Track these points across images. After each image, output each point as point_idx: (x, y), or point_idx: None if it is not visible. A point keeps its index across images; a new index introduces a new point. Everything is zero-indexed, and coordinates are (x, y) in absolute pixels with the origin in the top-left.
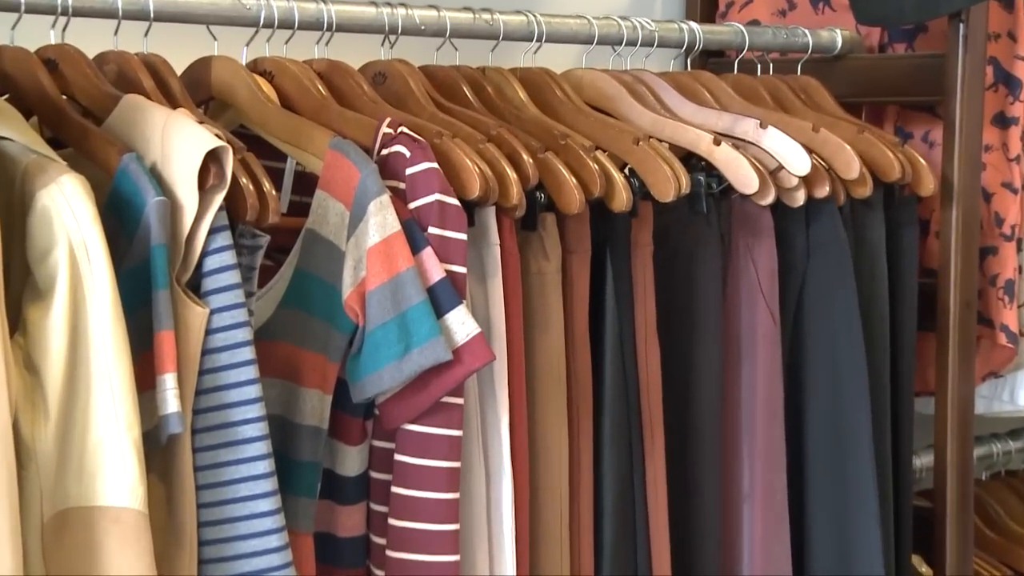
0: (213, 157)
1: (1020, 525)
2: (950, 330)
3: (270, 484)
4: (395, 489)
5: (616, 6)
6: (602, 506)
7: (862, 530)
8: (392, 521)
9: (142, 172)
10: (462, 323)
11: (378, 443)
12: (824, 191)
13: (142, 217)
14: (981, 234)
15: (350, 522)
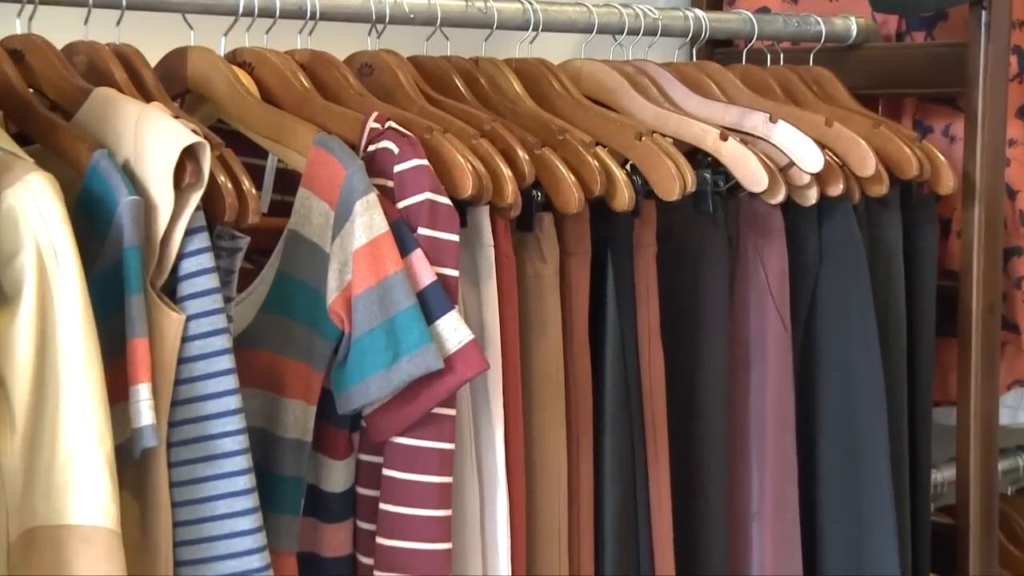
0: (189, 154)
1: None
2: (972, 335)
3: (251, 501)
4: (383, 506)
5: None
6: (603, 522)
7: (878, 547)
8: (380, 540)
9: (114, 170)
10: (454, 329)
11: (365, 457)
12: (837, 189)
13: (114, 218)
14: (1005, 234)
15: (335, 541)
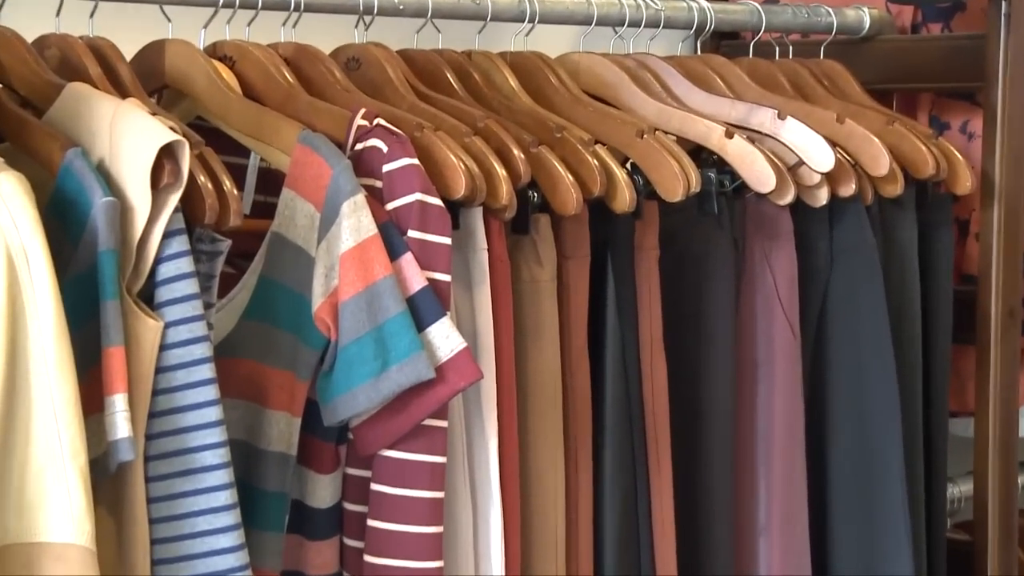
0: (167, 153)
1: None
2: (991, 343)
3: (232, 517)
4: (371, 522)
5: None
6: (602, 541)
7: (892, 564)
8: (368, 558)
9: (88, 169)
10: (446, 337)
11: (353, 471)
12: (849, 189)
13: (88, 220)
14: None
15: (321, 559)
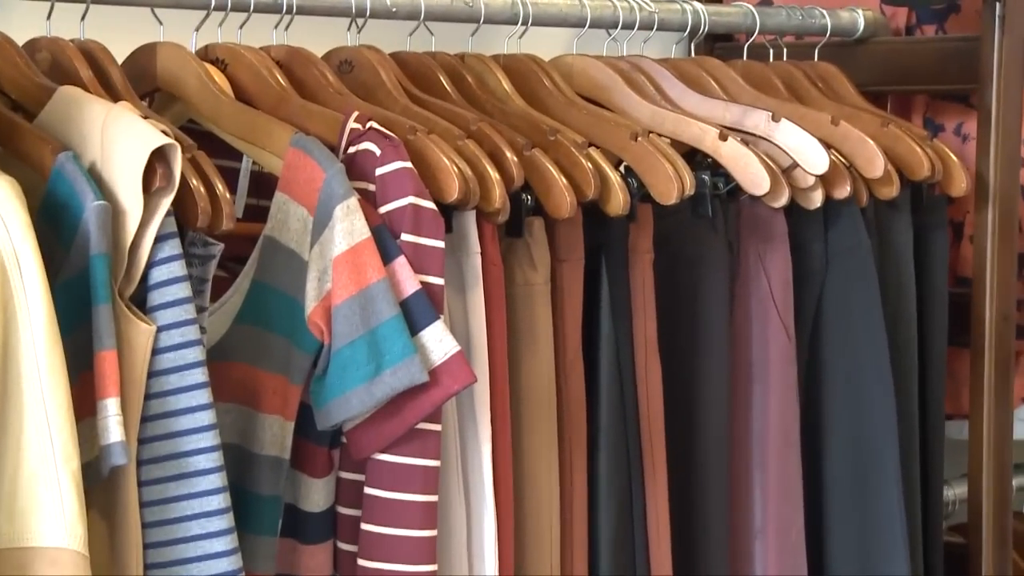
0: (160, 156)
1: None
2: (986, 346)
3: (225, 521)
4: (365, 526)
5: None
6: (597, 545)
7: (888, 567)
8: (362, 562)
9: (80, 173)
10: (439, 340)
11: (346, 475)
12: (844, 191)
13: (80, 224)
14: (1021, 238)
15: (314, 563)
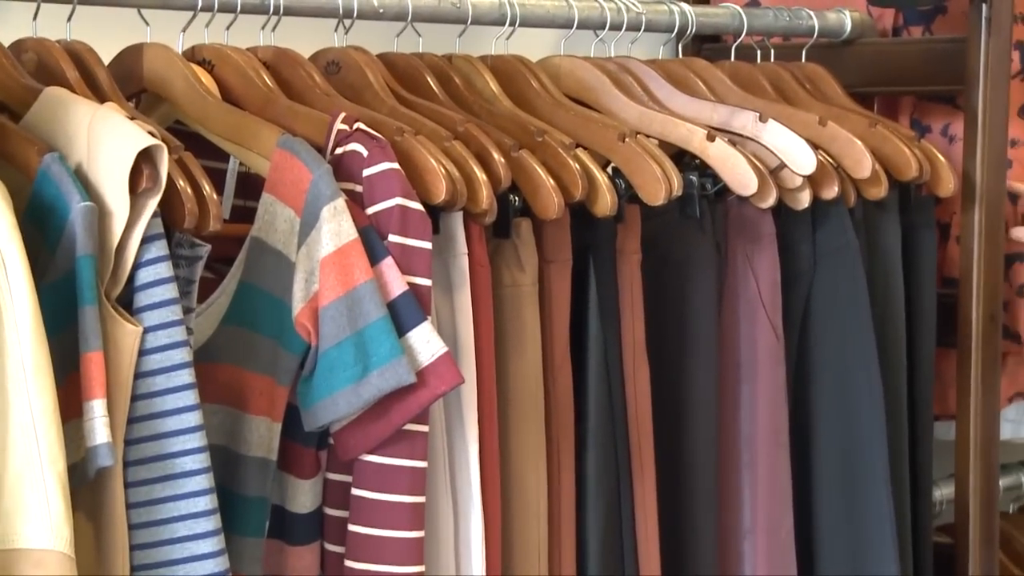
0: (146, 157)
1: None
2: (972, 346)
3: (212, 522)
4: (352, 527)
5: None
6: (586, 547)
7: (878, 566)
8: (349, 563)
9: (66, 174)
10: (427, 342)
11: (333, 476)
12: (832, 192)
13: (66, 225)
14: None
15: (302, 564)
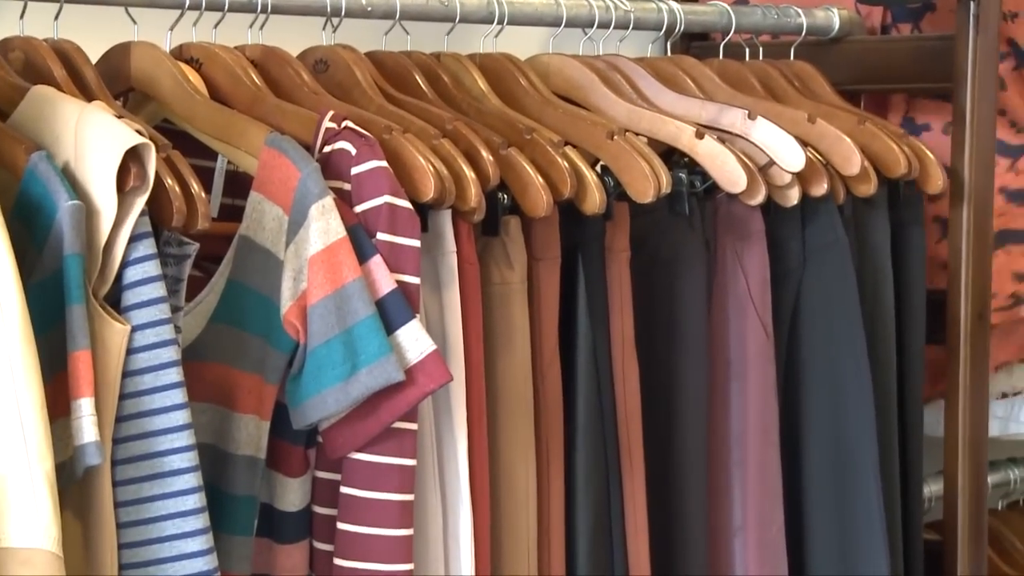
0: (134, 156)
1: None
2: (961, 344)
3: (201, 521)
4: (341, 525)
5: None
6: (575, 545)
7: (867, 564)
8: (338, 561)
9: (53, 173)
10: (415, 340)
11: (322, 474)
12: (821, 189)
13: (53, 223)
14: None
15: (290, 562)
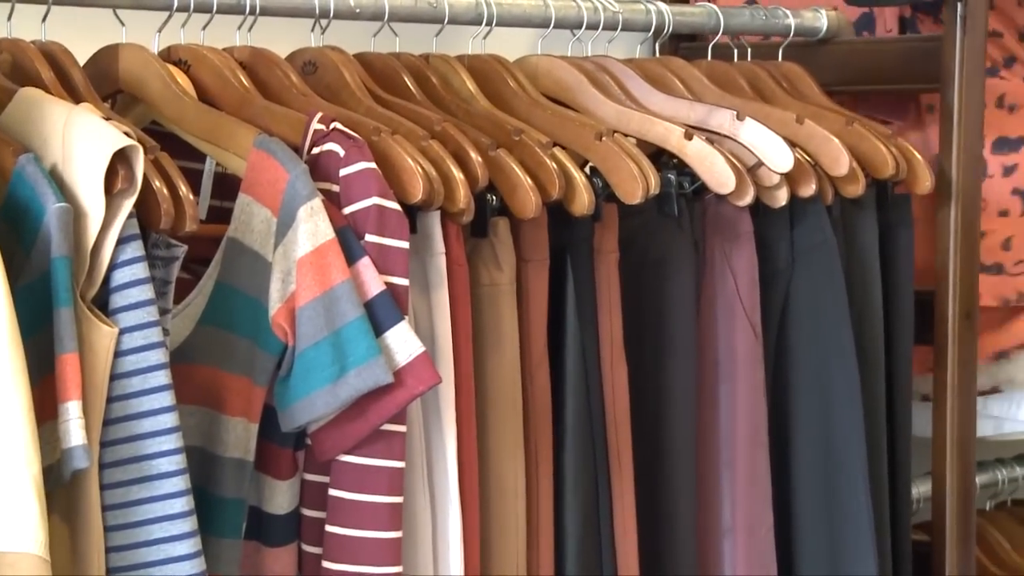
0: (121, 158)
1: None
2: (948, 344)
3: (188, 524)
4: (330, 528)
5: None
6: (564, 547)
7: (856, 565)
8: (327, 564)
9: (41, 175)
10: (404, 341)
11: (311, 477)
12: (809, 189)
13: (41, 226)
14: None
15: (279, 565)
